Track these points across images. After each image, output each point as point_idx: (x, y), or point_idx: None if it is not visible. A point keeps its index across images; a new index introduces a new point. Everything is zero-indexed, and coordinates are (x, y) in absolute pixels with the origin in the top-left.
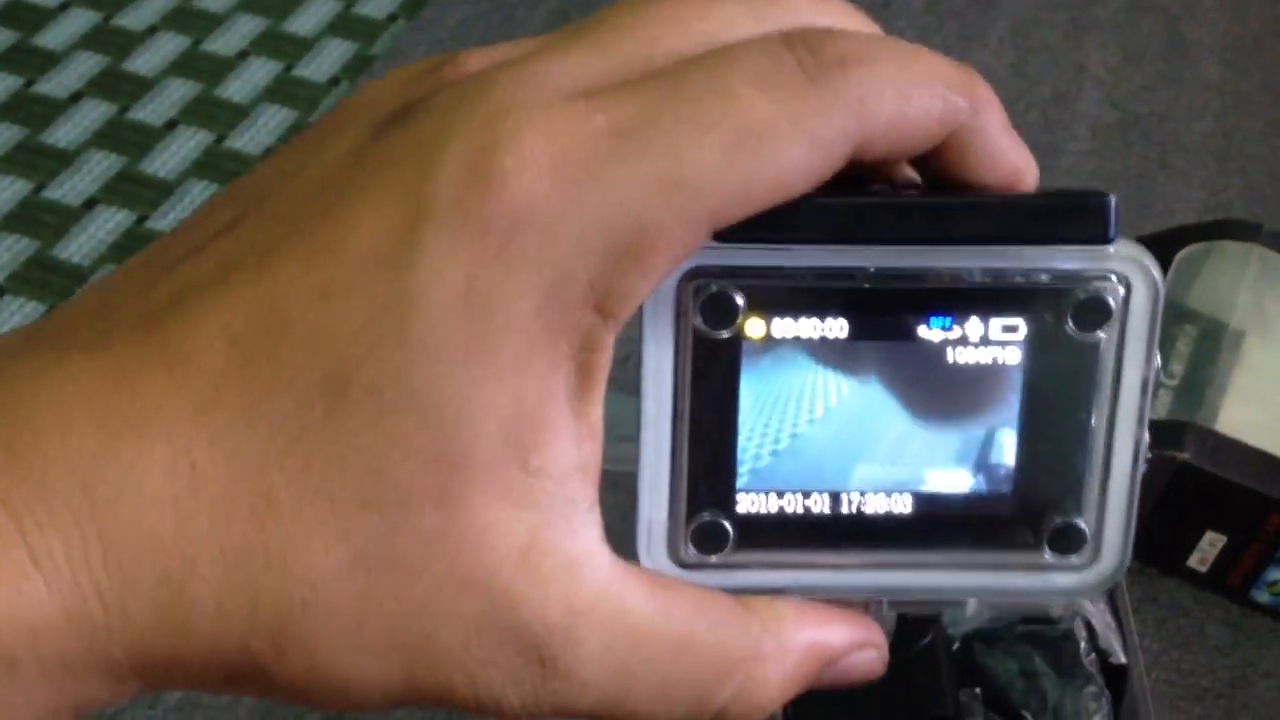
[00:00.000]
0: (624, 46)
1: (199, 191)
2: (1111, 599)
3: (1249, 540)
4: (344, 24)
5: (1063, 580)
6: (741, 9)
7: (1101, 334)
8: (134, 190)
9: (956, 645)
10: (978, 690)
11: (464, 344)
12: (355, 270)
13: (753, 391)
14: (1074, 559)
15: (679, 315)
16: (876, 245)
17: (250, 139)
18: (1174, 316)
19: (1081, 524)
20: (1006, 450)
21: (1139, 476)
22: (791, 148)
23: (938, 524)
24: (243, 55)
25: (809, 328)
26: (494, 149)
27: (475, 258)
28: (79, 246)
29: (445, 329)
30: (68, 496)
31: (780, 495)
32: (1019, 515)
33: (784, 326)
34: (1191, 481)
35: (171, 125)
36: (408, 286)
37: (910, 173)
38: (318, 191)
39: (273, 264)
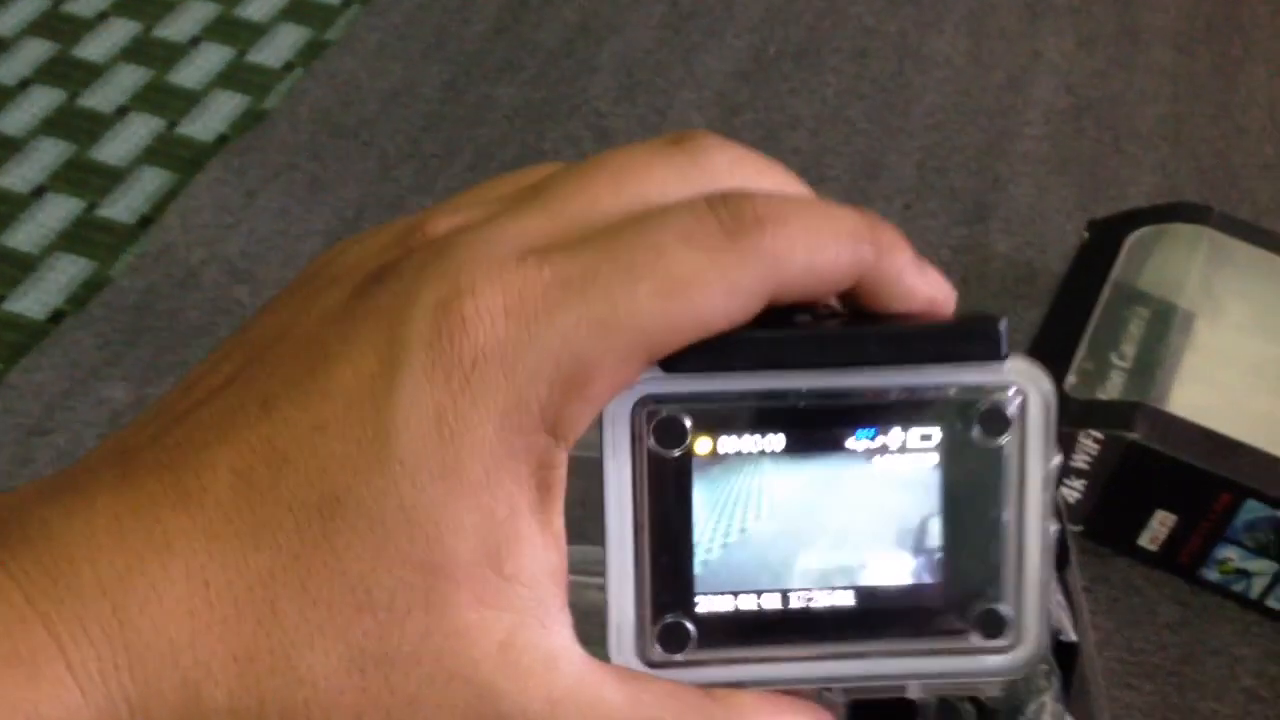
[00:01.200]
0: (568, 208)
1: (150, 178)
2: (1062, 578)
3: (1198, 519)
4: (297, 10)
5: (993, 662)
6: (670, 173)
7: (1004, 439)
8: (84, 178)
9: None
10: None
11: (438, 464)
12: (343, 408)
13: (704, 502)
14: (1000, 641)
15: (635, 438)
16: (802, 370)
17: (203, 125)
18: (1126, 299)
19: (1004, 609)
20: (932, 545)
21: (1050, 563)
22: (713, 294)
23: (877, 615)
24: (195, 41)
25: (750, 443)
26: (456, 300)
27: (443, 392)
28: (28, 235)
29: (421, 453)
30: (99, 614)
31: (735, 595)
32: (948, 604)
33: (728, 443)
34: (1142, 461)
35: (122, 112)
36: (387, 419)
37: (833, 304)
38: (309, 344)
39: (272, 409)
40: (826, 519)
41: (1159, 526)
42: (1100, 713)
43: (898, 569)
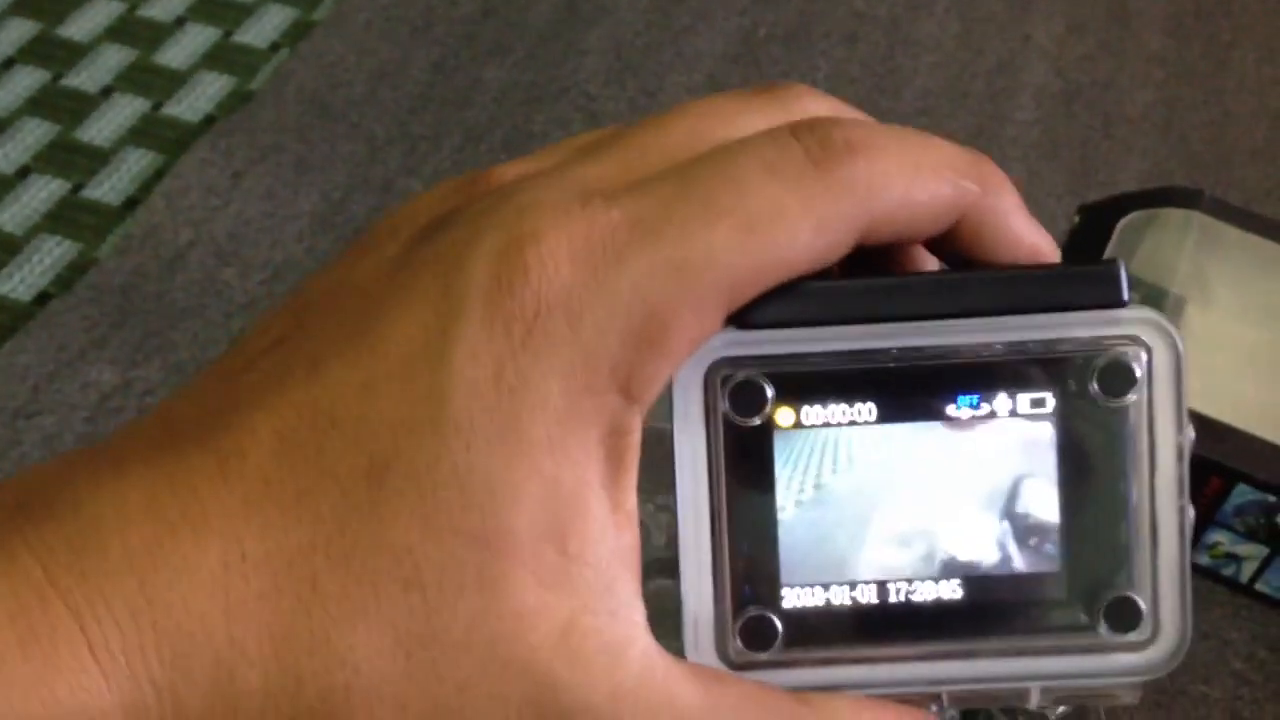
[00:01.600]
0: (645, 155)
1: (136, 159)
2: None
3: None
4: None
5: (1124, 660)
6: (751, 113)
7: (1129, 399)
8: (69, 159)
9: None
10: None
11: (496, 427)
12: (395, 366)
13: (789, 479)
14: (1133, 636)
15: (709, 407)
16: (895, 323)
17: (189, 106)
18: None
19: (1136, 597)
20: (1050, 527)
21: (1188, 547)
22: (799, 231)
23: (988, 609)
24: (180, 21)
25: (838, 412)
26: (517, 247)
27: (503, 347)
28: (11, 216)
29: (478, 413)
30: (124, 590)
31: (826, 587)
32: (1071, 593)
33: (813, 413)
34: None
35: (107, 92)
36: (442, 377)
37: (929, 259)
38: (361, 300)
39: (321, 369)
40: (927, 499)
41: None
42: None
43: (1011, 554)
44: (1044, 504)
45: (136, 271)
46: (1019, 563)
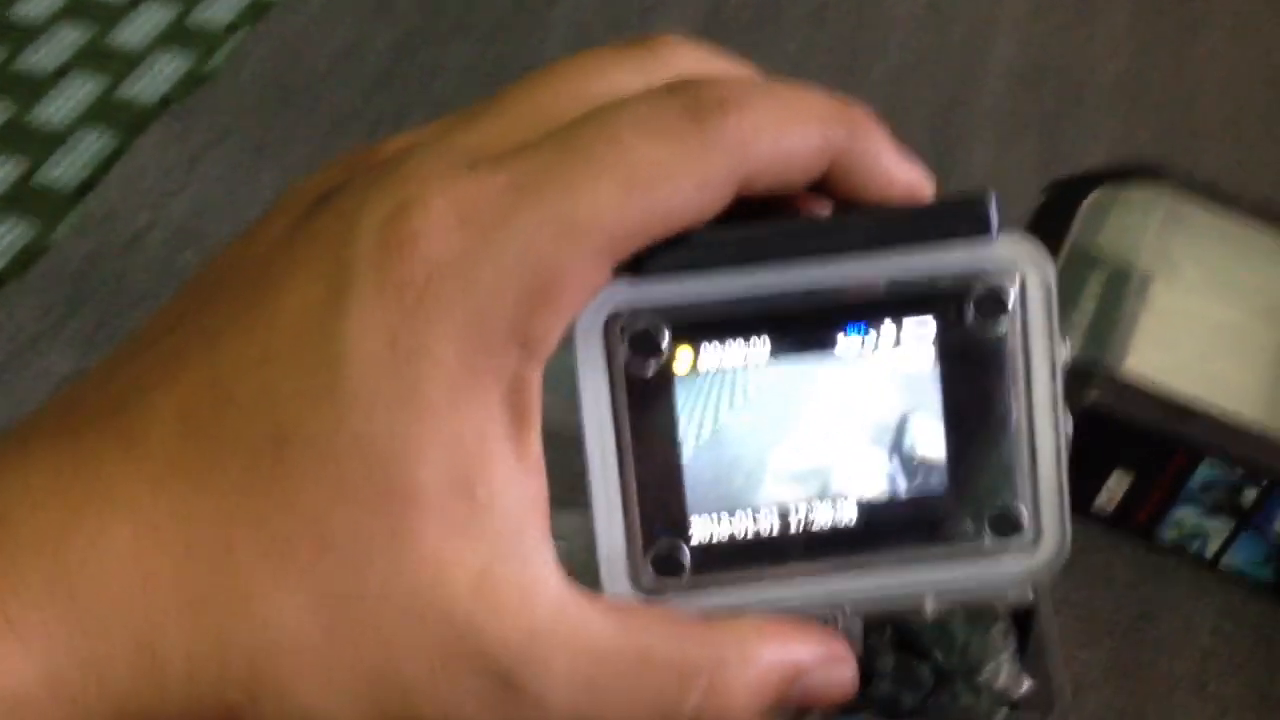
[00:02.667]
0: (520, 115)
1: (92, 141)
2: None
3: (1155, 480)
4: None
5: (1010, 566)
6: (630, 72)
7: (1003, 326)
8: (23, 141)
9: None
10: (887, 632)
11: (395, 393)
12: (289, 338)
13: (689, 416)
14: (1016, 541)
15: (609, 355)
16: (781, 264)
17: (145, 87)
18: (1083, 260)
19: (1019, 505)
20: (937, 445)
21: (1065, 458)
22: (679, 185)
23: (884, 526)
24: (135, 1)
25: (734, 351)
26: (404, 213)
27: (395, 313)
28: None
29: (374, 380)
30: (38, 567)
31: (730, 514)
32: (958, 507)
33: (710, 351)
34: (1099, 422)
35: (62, 73)
36: (336, 347)
37: (816, 201)
38: (254, 276)
39: (216, 345)
40: (821, 426)
41: (1115, 488)
42: (1058, 672)
43: (901, 477)
44: (930, 429)
45: (93, 255)
46: (909, 484)
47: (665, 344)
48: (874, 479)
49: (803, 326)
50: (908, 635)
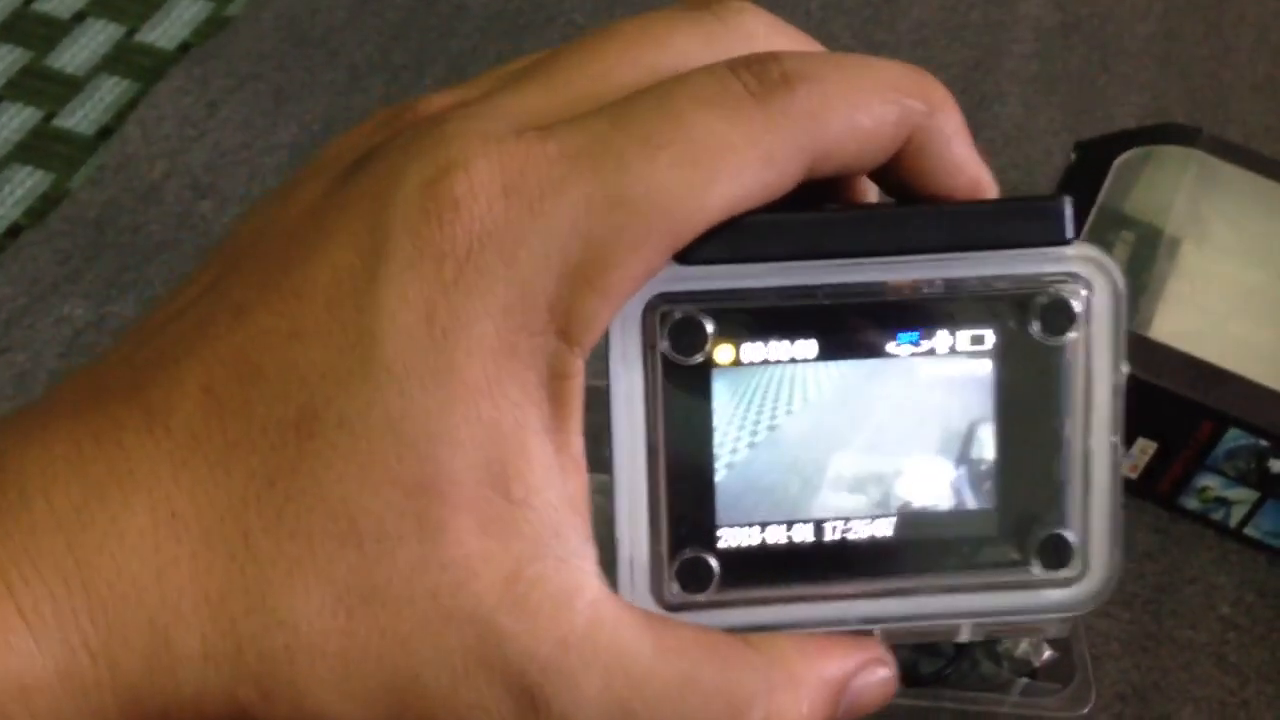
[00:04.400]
0: (575, 82)
1: (110, 87)
2: None
3: (1180, 447)
4: None
5: (1055, 596)
6: (694, 40)
7: (1068, 338)
8: (40, 86)
9: None
10: None
11: (429, 369)
12: (321, 310)
13: (727, 419)
14: (1064, 572)
15: (647, 345)
16: (838, 259)
17: (164, 32)
18: (1111, 222)
19: (1068, 535)
20: (985, 464)
21: (1119, 484)
22: (744, 162)
23: (923, 547)
24: None
25: (778, 350)
26: (446, 178)
27: (433, 285)
28: None
29: (409, 356)
30: (53, 551)
31: (762, 526)
32: (1004, 531)
33: (753, 350)
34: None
35: (80, 17)
36: (370, 320)
37: (873, 191)
38: (285, 243)
39: (245, 316)
40: (864, 438)
41: (1139, 454)
42: (1077, 641)
43: (945, 492)
44: (980, 442)
45: (110, 203)
46: (954, 500)
47: (708, 337)
48: (917, 495)
49: (853, 330)
50: None
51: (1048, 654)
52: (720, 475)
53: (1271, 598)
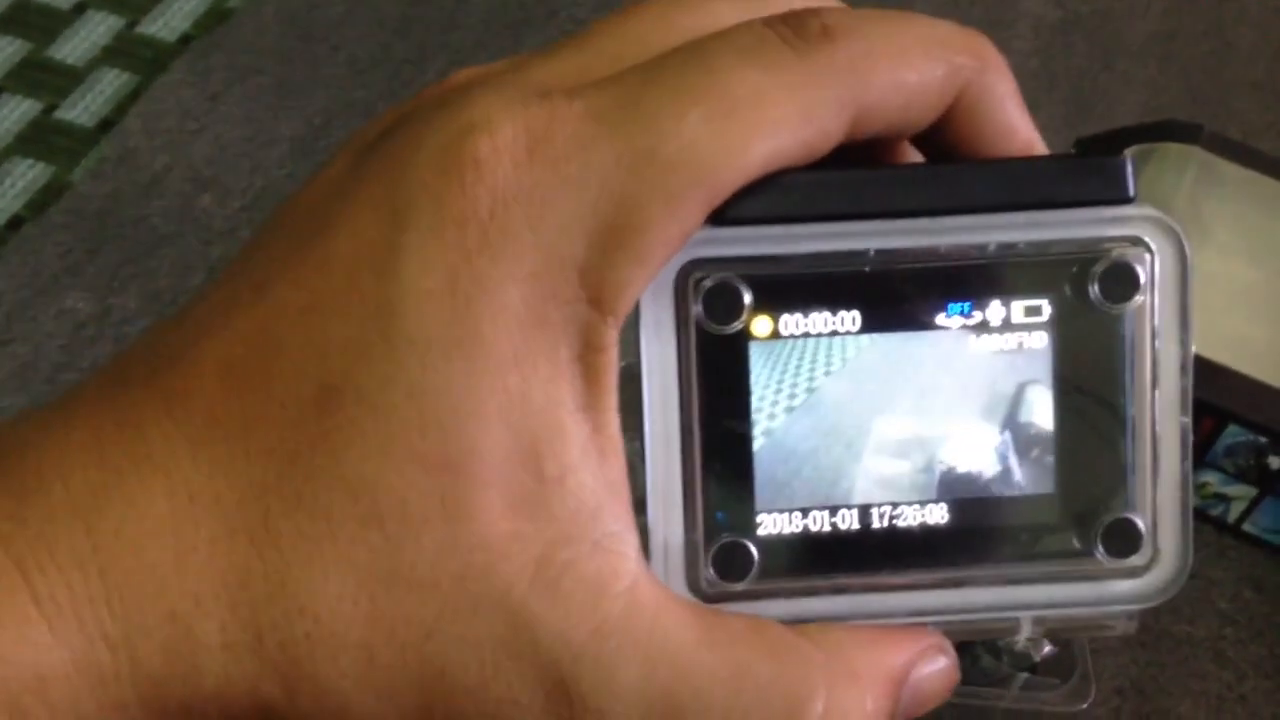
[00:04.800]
0: (606, 48)
1: (111, 79)
2: None
3: None
4: None
5: (1122, 587)
6: (730, 3)
7: (1132, 305)
8: (41, 78)
9: None
10: None
11: (453, 339)
12: (341, 282)
13: (766, 394)
14: (1132, 561)
15: (680, 313)
16: (884, 220)
17: (164, 24)
18: None
19: (1136, 520)
20: (1044, 445)
21: (1189, 467)
22: (783, 117)
23: (977, 534)
24: None
25: (819, 321)
26: (467, 139)
27: (455, 250)
28: None
29: (431, 326)
30: (70, 537)
31: (804, 511)
32: (1066, 516)
33: (792, 321)
34: None
35: (80, 9)
36: (391, 290)
37: (916, 159)
38: (307, 218)
39: (265, 292)
40: (912, 416)
41: None
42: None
43: (1001, 475)
44: (1038, 421)
45: (112, 196)
46: (1010, 484)
47: (745, 305)
48: (970, 478)
49: (900, 297)
50: None
51: (1047, 649)
52: (760, 456)
53: (1269, 593)
